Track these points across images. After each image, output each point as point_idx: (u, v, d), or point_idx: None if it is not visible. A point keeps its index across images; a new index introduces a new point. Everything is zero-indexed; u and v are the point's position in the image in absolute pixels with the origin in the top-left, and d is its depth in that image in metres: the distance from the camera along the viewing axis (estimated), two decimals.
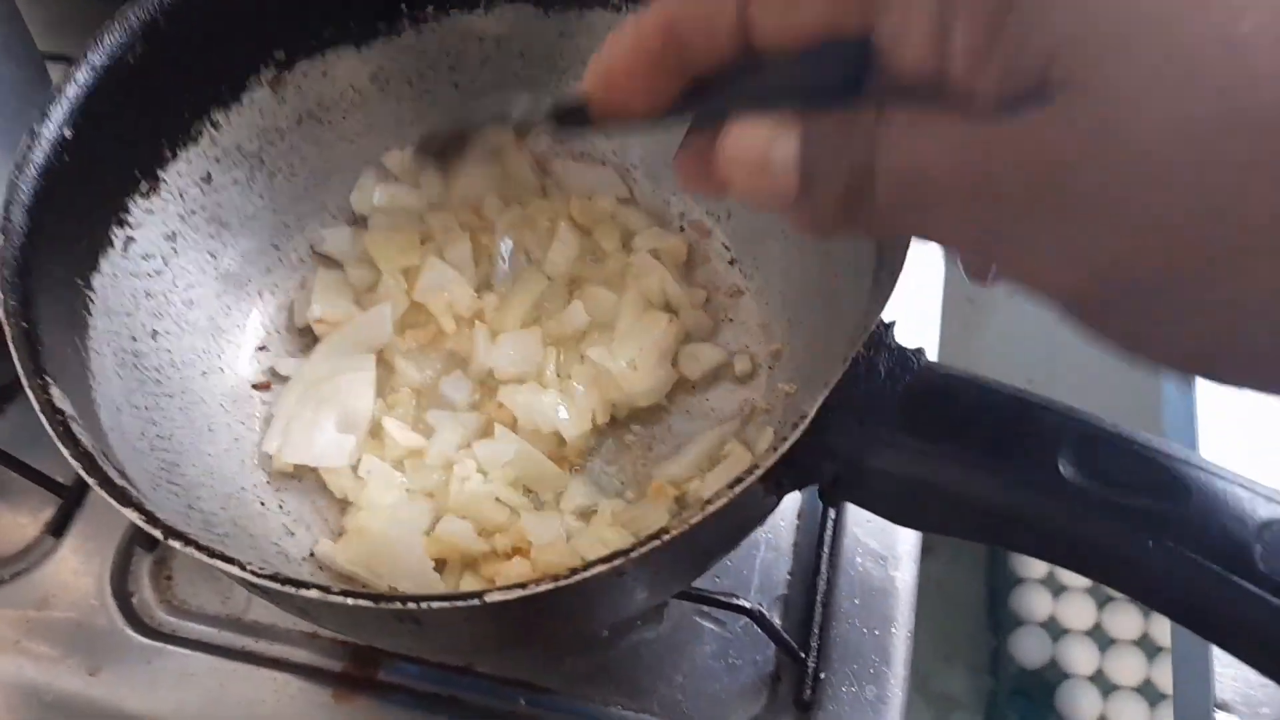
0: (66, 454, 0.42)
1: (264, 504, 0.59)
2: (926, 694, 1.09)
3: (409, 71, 0.67)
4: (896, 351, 0.46)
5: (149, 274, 0.58)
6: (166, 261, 0.59)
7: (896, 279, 0.44)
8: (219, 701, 0.60)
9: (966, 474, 0.43)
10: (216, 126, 0.61)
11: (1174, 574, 0.38)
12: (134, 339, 0.56)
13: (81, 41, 0.52)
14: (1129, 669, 1.08)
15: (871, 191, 0.29)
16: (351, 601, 0.38)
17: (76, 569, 0.64)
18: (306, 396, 0.61)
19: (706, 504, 0.39)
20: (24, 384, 0.44)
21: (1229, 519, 0.38)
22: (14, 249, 0.47)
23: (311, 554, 0.58)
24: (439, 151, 0.46)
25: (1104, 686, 1.08)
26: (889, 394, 0.45)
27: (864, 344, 0.44)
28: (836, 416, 0.43)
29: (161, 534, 0.40)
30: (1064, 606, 1.12)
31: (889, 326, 0.47)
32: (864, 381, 0.45)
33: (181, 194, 0.60)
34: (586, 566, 0.38)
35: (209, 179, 0.61)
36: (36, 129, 0.50)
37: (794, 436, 0.41)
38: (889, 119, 0.28)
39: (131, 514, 0.41)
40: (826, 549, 0.62)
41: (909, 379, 0.45)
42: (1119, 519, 0.39)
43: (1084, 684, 1.09)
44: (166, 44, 0.55)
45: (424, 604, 0.39)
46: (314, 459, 0.59)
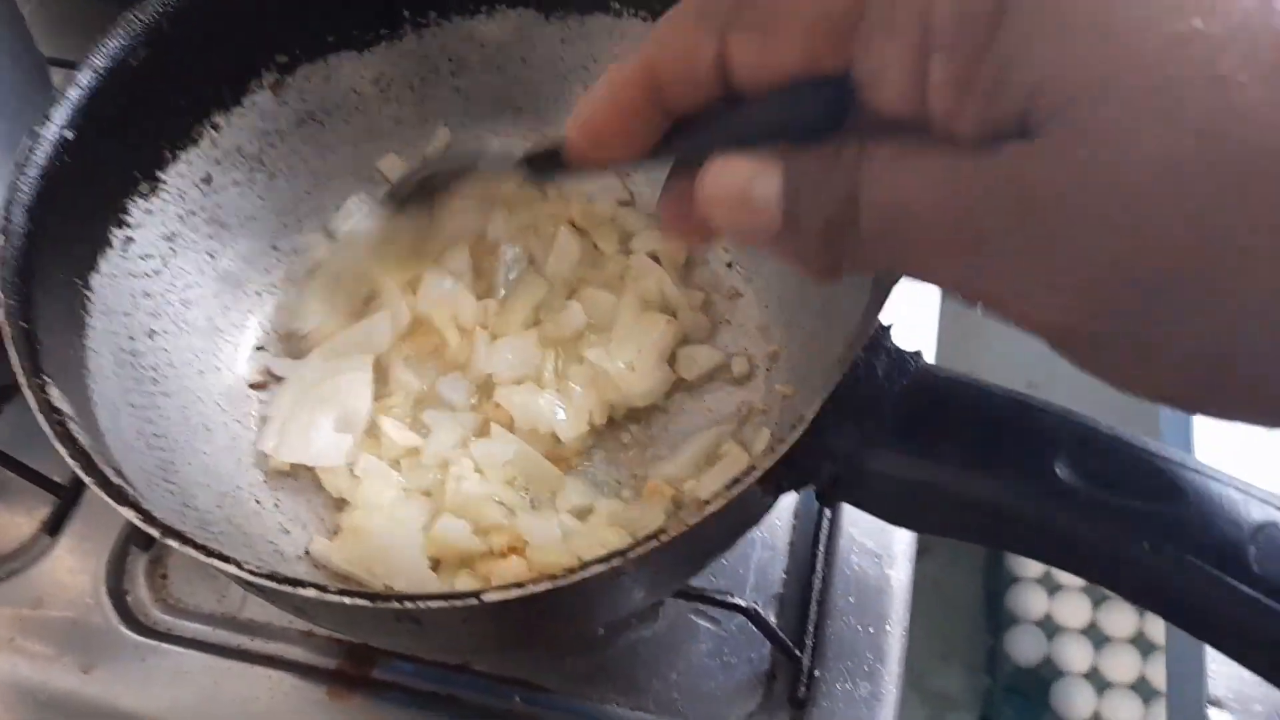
0: (64, 453, 0.42)
1: (260, 503, 0.59)
2: (922, 692, 1.09)
3: (410, 76, 0.67)
4: (894, 354, 0.46)
5: (148, 274, 0.58)
6: (165, 262, 0.59)
7: (894, 282, 0.45)
8: (214, 699, 0.60)
9: (963, 476, 0.43)
10: (217, 129, 0.61)
11: (1169, 576, 0.39)
12: (132, 338, 0.56)
13: (84, 45, 0.52)
14: (1123, 667, 1.08)
15: (856, 226, 0.29)
16: (348, 600, 0.39)
17: (72, 567, 0.64)
18: (304, 396, 0.61)
19: (705, 505, 0.39)
20: (22, 384, 0.44)
21: (1224, 521, 0.38)
22: (14, 249, 0.47)
23: (307, 552, 0.58)
24: (407, 200, 0.46)
25: (1099, 684, 1.08)
26: (887, 396, 0.45)
27: (862, 346, 0.44)
28: (834, 418, 0.43)
29: (158, 532, 0.40)
30: (1059, 605, 1.13)
31: (887, 329, 0.47)
32: (862, 384, 0.45)
33: (181, 195, 0.60)
34: (584, 566, 0.38)
35: (209, 180, 0.61)
36: (38, 130, 0.50)
37: (792, 438, 0.41)
38: (871, 153, 0.28)
39: (128, 512, 0.41)
40: (822, 548, 0.62)
41: (906, 381, 0.45)
42: (1115, 521, 0.40)
43: (1079, 681, 1.09)
44: (169, 47, 0.55)
45: (421, 603, 0.39)
46: (311, 458, 0.59)
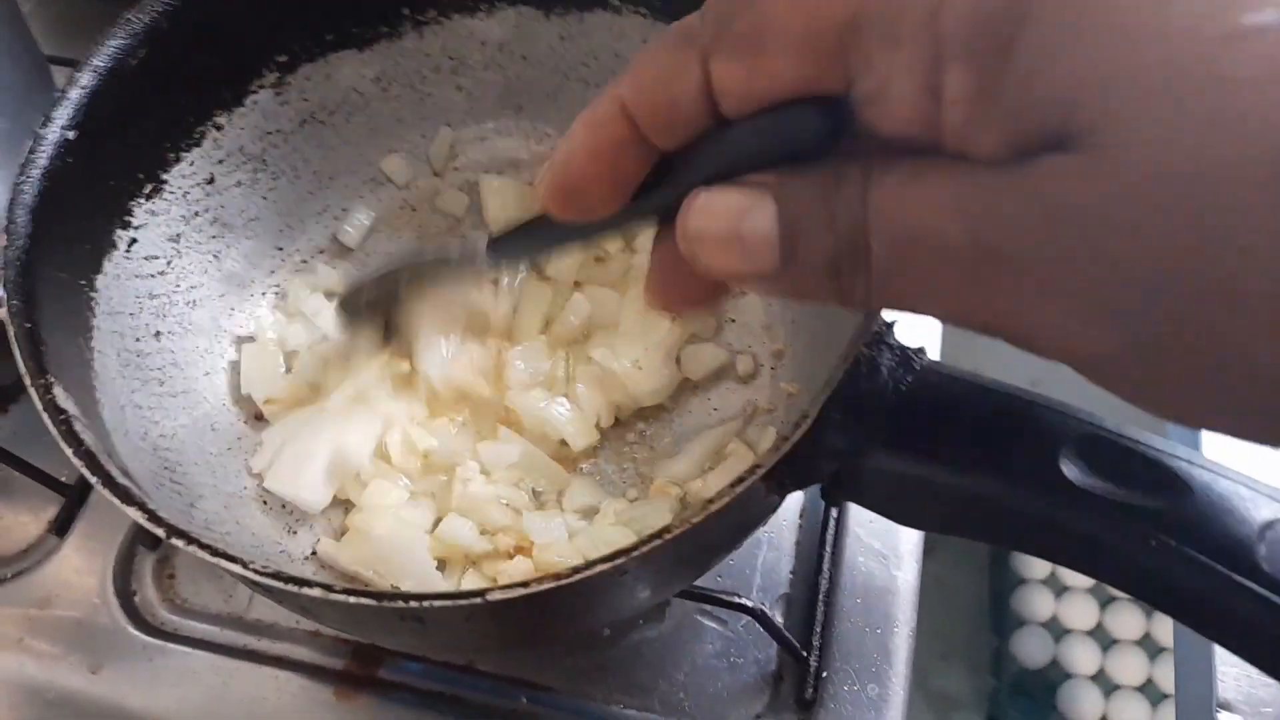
0: (69, 453, 0.42)
1: (266, 503, 0.59)
2: (928, 693, 1.08)
3: (411, 75, 0.67)
4: (898, 351, 0.46)
5: (152, 275, 0.58)
6: (170, 262, 0.59)
7: None
8: (221, 700, 0.60)
9: (968, 473, 0.42)
10: (219, 129, 0.61)
11: (1176, 573, 0.38)
12: (137, 339, 0.56)
13: (85, 44, 0.52)
14: (1131, 669, 1.07)
15: (865, 260, 0.26)
16: (354, 600, 0.38)
17: (79, 567, 0.64)
18: (308, 424, 0.59)
19: (709, 503, 0.39)
20: (27, 384, 0.44)
21: (1231, 518, 0.38)
22: (18, 250, 0.47)
23: (313, 553, 0.58)
24: (367, 306, 0.45)
25: (1106, 686, 1.08)
26: (891, 394, 0.45)
27: (865, 344, 0.44)
28: (838, 416, 0.43)
29: (164, 532, 0.40)
30: (1066, 606, 1.12)
31: (890, 326, 0.47)
32: (866, 381, 0.45)
33: (185, 196, 0.60)
34: (589, 565, 0.38)
35: (212, 181, 0.61)
36: (40, 131, 0.50)
37: (796, 436, 0.41)
38: (879, 178, 0.26)
39: (134, 513, 0.41)
40: (828, 548, 0.62)
41: (910, 379, 0.45)
42: (1121, 518, 0.39)
43: (1086, 684, 1.08)
44: (170, 47, 0.55)
45: (426, 603, 0.39)
46: (292, 493, 0.58)
